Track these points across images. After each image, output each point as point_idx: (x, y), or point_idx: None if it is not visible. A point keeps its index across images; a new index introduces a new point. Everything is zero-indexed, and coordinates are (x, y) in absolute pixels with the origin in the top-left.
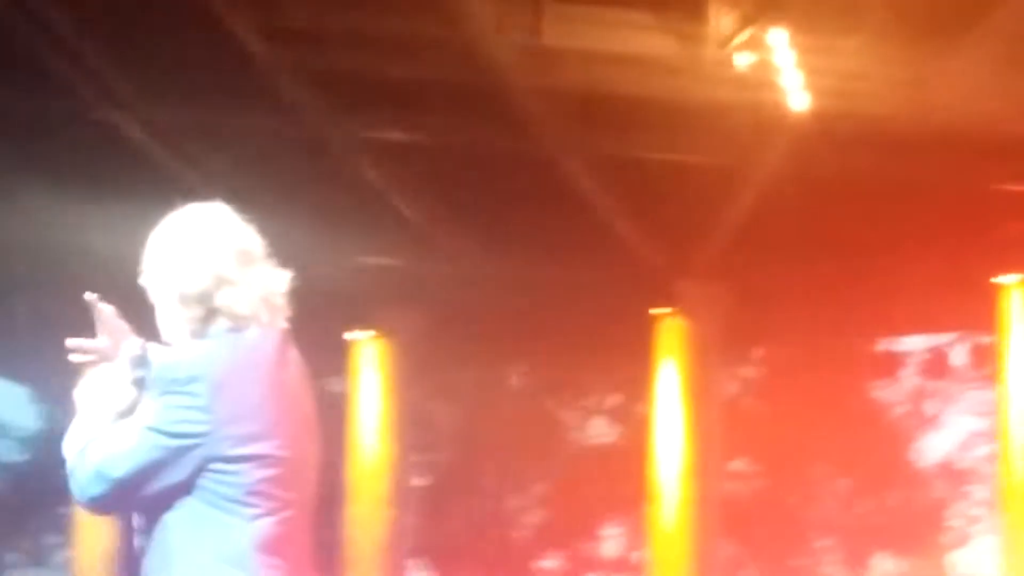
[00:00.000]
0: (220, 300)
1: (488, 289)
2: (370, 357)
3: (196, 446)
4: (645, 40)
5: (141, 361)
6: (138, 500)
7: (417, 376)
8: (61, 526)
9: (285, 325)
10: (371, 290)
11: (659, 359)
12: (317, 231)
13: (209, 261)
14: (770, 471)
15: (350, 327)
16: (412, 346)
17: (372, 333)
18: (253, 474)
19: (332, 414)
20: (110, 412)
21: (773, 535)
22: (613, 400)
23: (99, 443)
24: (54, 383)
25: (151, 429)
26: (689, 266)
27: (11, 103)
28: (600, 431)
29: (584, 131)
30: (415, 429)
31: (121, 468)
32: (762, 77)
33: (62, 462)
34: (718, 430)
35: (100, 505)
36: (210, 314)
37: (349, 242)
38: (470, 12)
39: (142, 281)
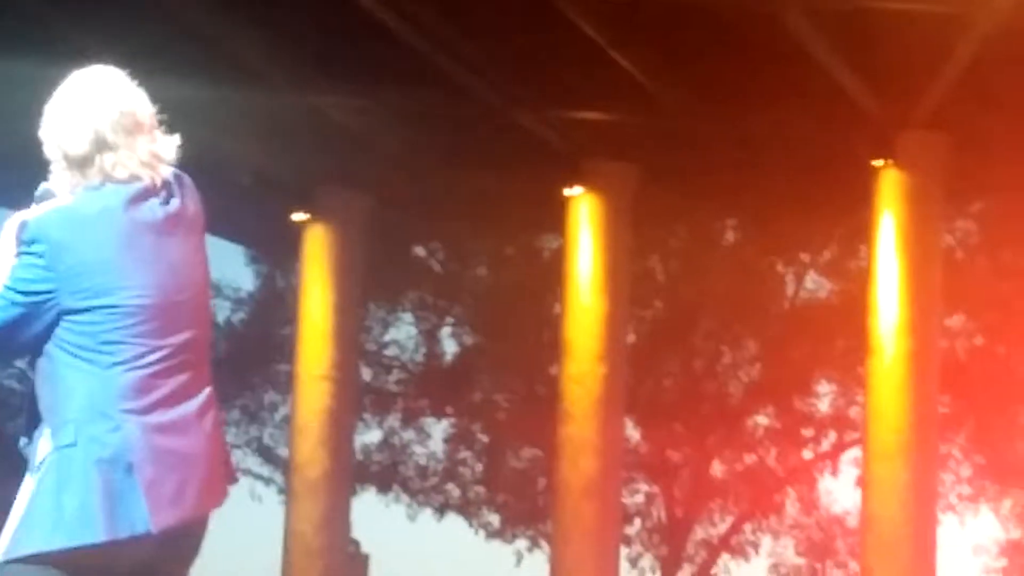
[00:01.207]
0: (98, 163)
1: (704, 143)
2: (585, 213)
3: (46, 302)
4: None
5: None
6: (8, 353)
7: (631, 232)
8: (280, 383)
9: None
10: (587, 145)
11: (877, 212)
12: (535, 85)
13: (90, 125)
14: (987, 327)
15: (566, 183)
16: (627, 202)
17: (586, 189)
18: (104, 324)
19: (549, 270)
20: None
21: (989, 390)
22: (829, 254)
23: None
24: (272, 244)
25: (8, 288)
26: (909, 117)
27: None
28: (815, 286)
29: None
30: (628, 285)
31: None
32: None
33: (280, 321)
34: (936, 284)
35: None
36: (89, 176)
37: (567, 97)
38: None
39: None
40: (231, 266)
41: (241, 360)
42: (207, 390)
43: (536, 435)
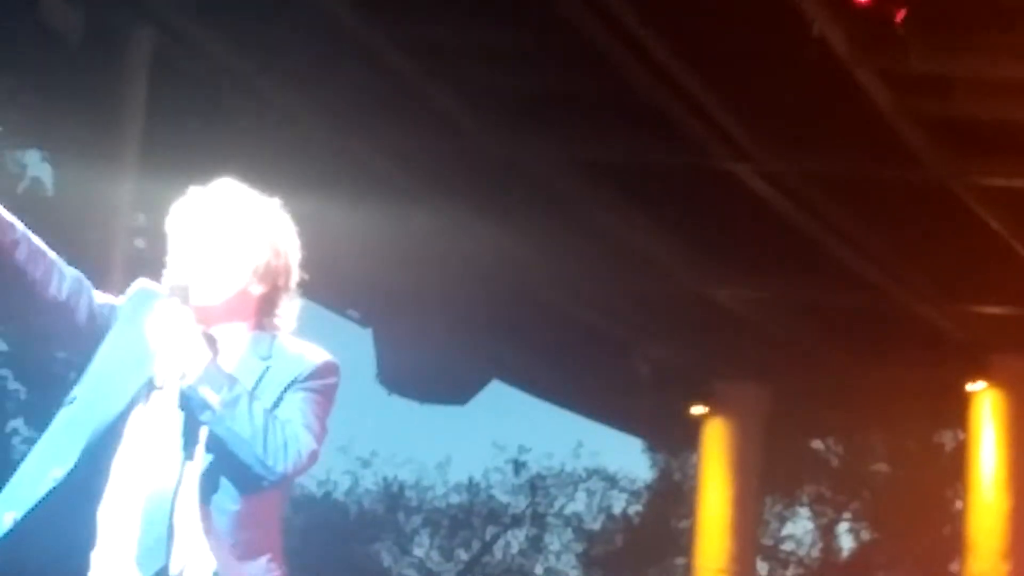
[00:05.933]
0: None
1: None
2: (988, 408)
3: None
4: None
5: None
6: None
7: None
8: None
9: None
10: (990, 339)
11: None
12: (936, 276)
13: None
14: None
15: (969, 377)
16: None
17: (989, 383)
18: None
19: (950, 465)
20: None
21: None
22: None
23: None
24: (669, 436)
25: None
26: None
27: (638, 158)
28: None
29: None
30: None
31: None
32: None
33: (677, 515)
34: None
35: None
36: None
37: (970, 289)
38: None
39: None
40: (628, 457)
41: (637, 553)
42: None
43: None
